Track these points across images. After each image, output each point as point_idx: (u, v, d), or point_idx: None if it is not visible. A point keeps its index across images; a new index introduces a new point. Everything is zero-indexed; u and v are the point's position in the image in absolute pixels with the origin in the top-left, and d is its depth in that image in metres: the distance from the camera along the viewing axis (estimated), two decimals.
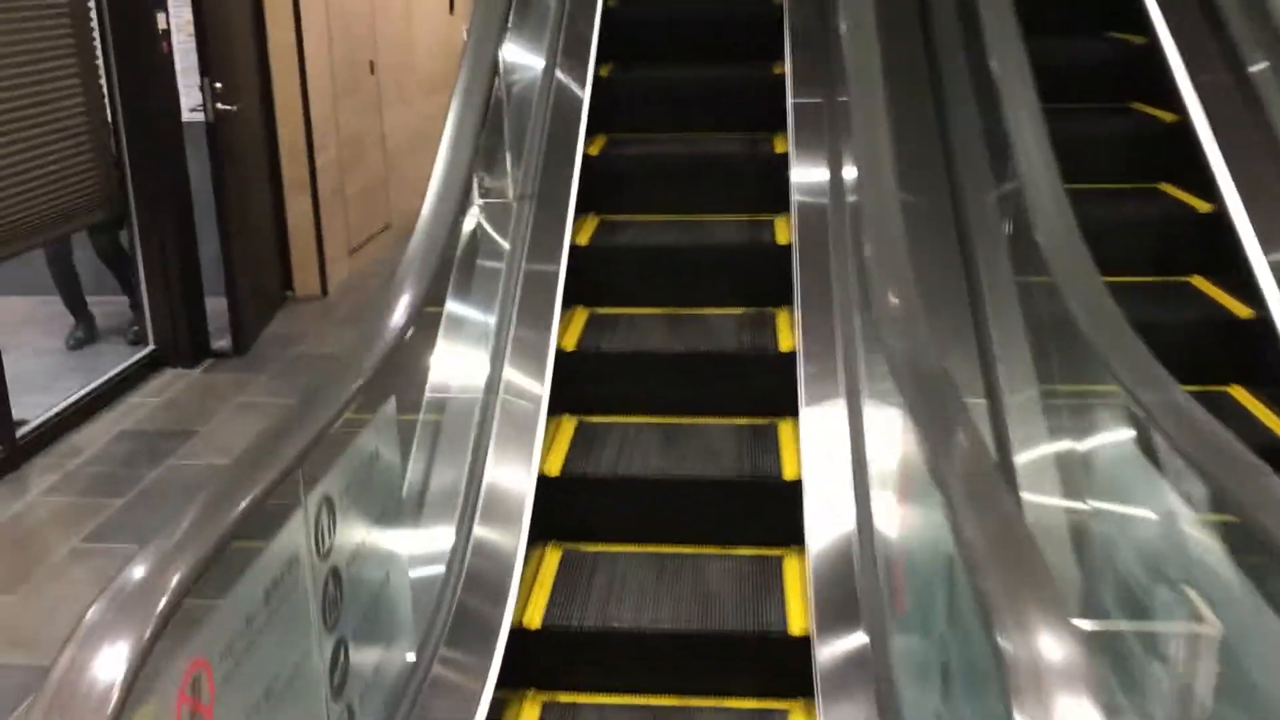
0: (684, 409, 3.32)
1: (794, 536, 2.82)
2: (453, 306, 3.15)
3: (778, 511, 2.89)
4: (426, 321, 2.74)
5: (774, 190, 3.77)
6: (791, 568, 2.84)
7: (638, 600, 2.75)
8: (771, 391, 3.21)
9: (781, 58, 4.16)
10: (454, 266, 3.18)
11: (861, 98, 2.98)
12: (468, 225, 3.35)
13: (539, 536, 2.95)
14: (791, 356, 3.18)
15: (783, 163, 3.79)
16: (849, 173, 3.49)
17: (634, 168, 4.18)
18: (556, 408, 3.22)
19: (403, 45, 8.14)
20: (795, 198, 3.63)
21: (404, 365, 2.55)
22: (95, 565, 3.79)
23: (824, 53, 4.01)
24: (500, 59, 3.59)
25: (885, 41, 3.21)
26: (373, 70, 7.55)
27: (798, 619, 2.66)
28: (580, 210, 3.84)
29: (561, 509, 3.01)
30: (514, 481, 2.96)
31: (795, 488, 2.86)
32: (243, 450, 1.79)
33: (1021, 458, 2.75)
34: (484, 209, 3.63)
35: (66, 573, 3.77)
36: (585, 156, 3.97)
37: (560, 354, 3.30)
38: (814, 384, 3.07)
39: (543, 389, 3.16)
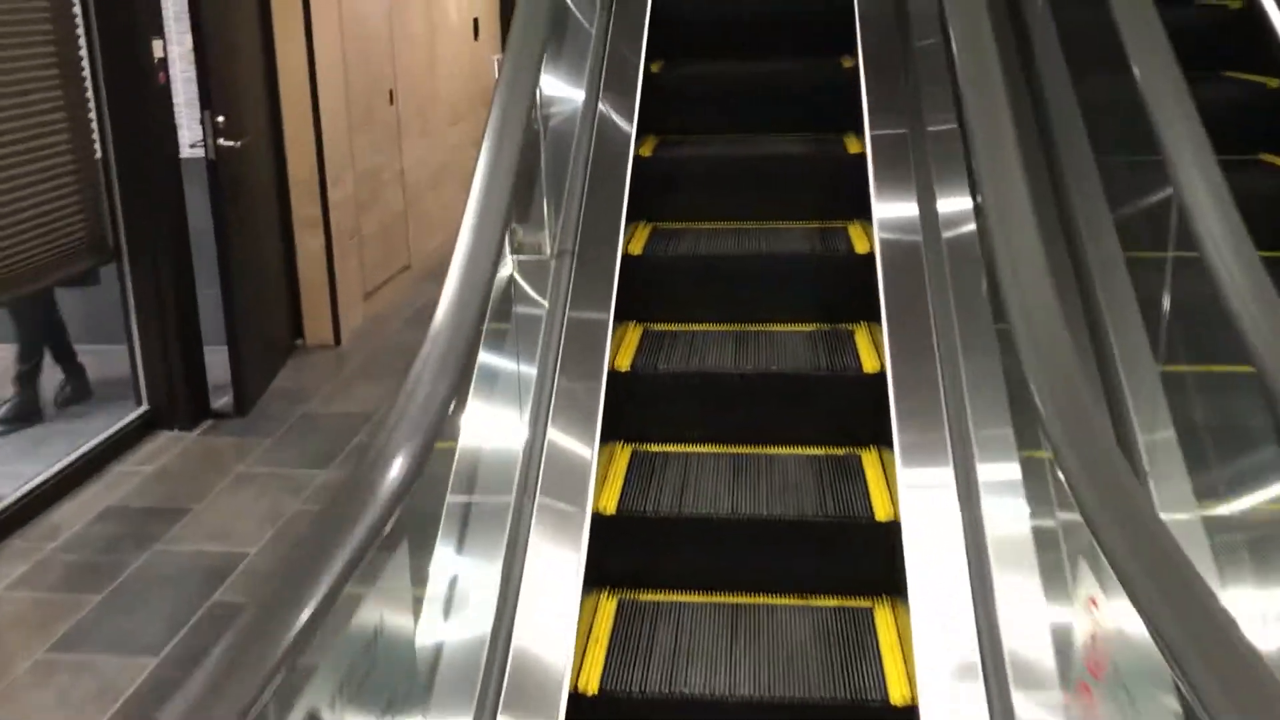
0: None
1: (885, 586, 2.56)
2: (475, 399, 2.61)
3: (868, 558, 2.59)
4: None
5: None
6: (885, 622, 2.48)
7: (708, 666, 2.37)
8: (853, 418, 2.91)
9: (853, 51, 3.74)
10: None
11: (988, 134, 2.41)
12: (496, 285, 2.80)
13: (594, 581, 2.58)
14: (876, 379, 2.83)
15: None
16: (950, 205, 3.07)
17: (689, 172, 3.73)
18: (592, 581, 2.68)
19: (424, 73, 7.64)
20: (878, 216, 3.18)
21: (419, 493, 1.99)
22: (60, 685, 3.24)
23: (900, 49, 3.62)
24: (538, 93, 3.05)
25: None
26: (392, 100, 7.05)
27: (898, 685, 2.27)
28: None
29: (617, 552, 2.66)
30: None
31: (888, 531, 2.52)
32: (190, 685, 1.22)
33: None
34: (517, 267, 3.11)
35: (25, 695, 3.22)
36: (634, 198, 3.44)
37: (598, 519, 2.67)
38: (909, 411, 2.67)
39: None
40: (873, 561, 2.58)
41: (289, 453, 4.81)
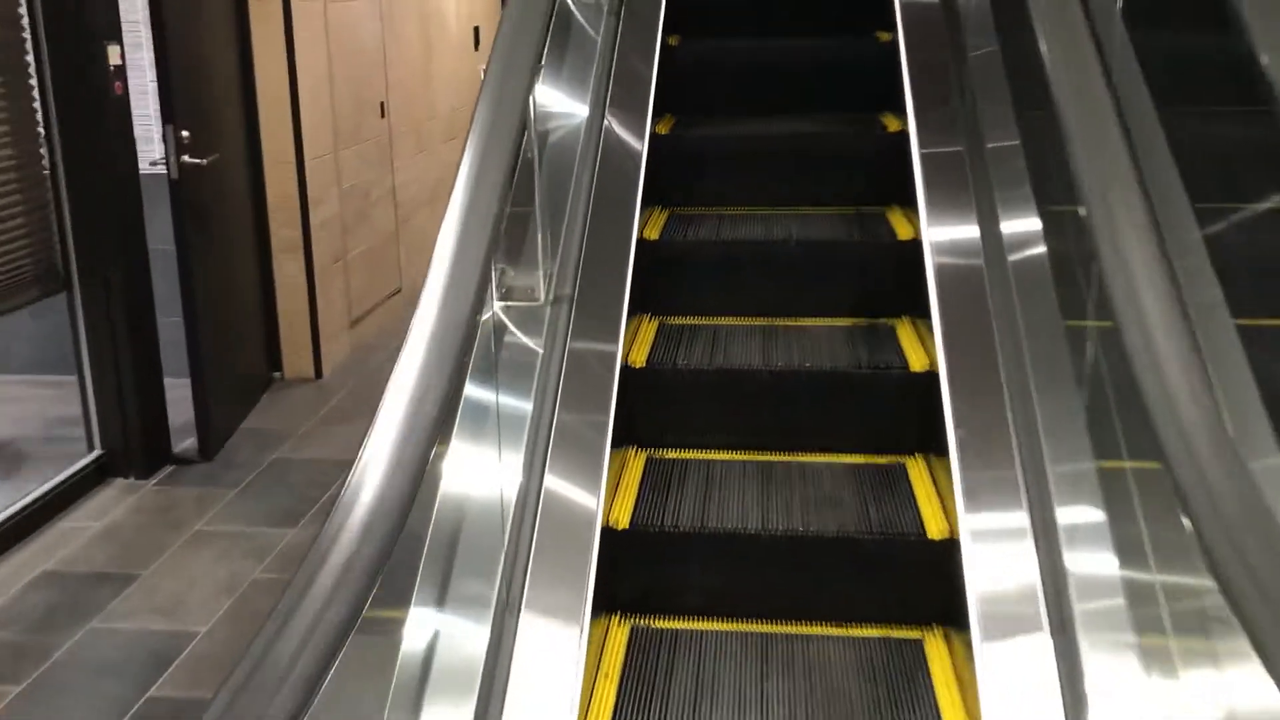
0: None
1: (938, 614, 2.29)
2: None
3: (917, 581, 2.31)
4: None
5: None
6: (938, 655, 2.21)
7: (736, 705, 2.09)
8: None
9: (892, 27, 3.38)
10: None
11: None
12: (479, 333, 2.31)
13: (602, 605, 2.27)
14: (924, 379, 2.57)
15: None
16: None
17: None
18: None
19: (419, 85, 7.16)
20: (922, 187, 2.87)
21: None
22: None
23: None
24: (531, 107, 2.57)
25: None
26: (383, 113, 6.57)
27: None
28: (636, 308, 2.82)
29: (628, 577, 2.36)
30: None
31: (942, 551, 2.23)
32: None
33: None
34: (505, 314, 2.63)
35: None
36: (642, 240, 2.95)
37: (608, 532, 2.24)
38: (967, 412, 2.36)
39: None
40: (922, 586, 2.31)
41: (255, 507, 4.31)
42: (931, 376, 2.52)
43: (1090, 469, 2.15)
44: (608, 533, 2.30)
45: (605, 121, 3.23)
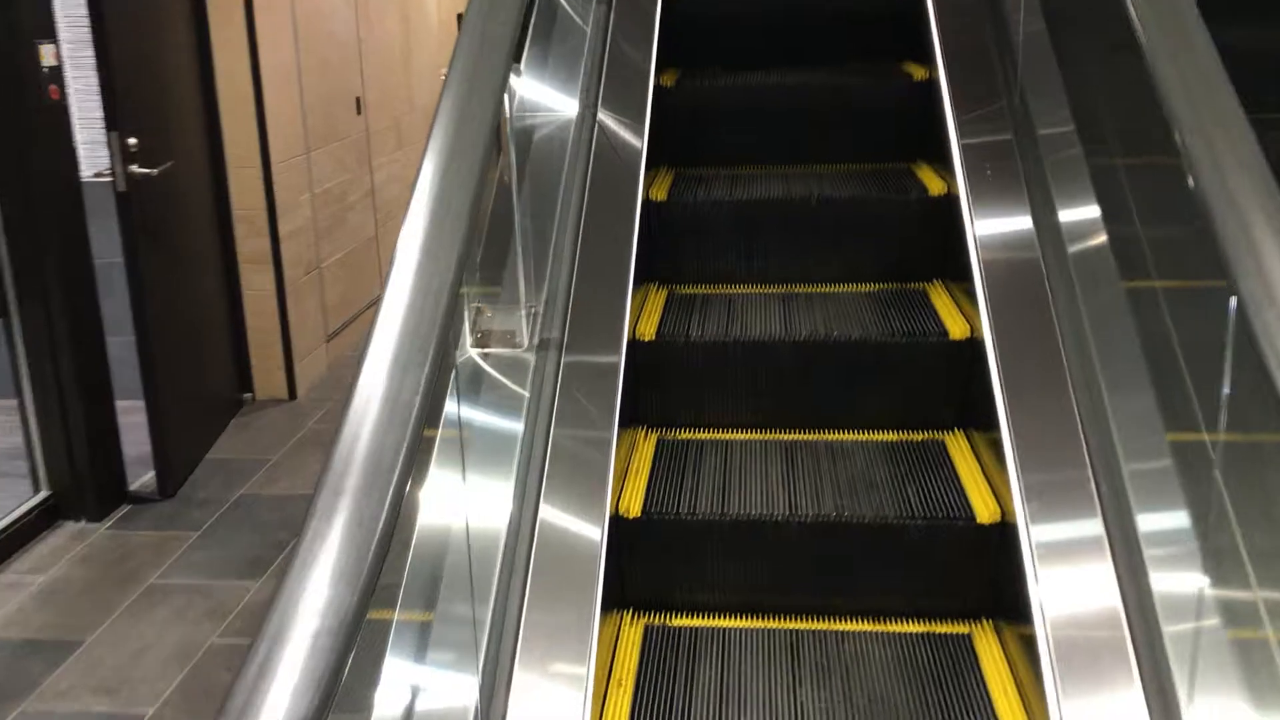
0: None
1: (987, 607, 2.12)
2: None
3: (964, 566, 2.13)
4: None
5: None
6: (989, 653, 2.02)
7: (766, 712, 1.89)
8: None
9: None
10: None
11: None
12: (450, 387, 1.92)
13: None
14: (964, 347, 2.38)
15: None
16: None
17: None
18: None
19: (398, 79, 6.72)
20: (955, 143, 2.61)
21: None
22: None
23: None
24: (507, 106, 2.15)
25: None
26: (360, 109, 6.12)
27: None
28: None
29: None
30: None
31: (995, 537, 2.07)
32: None
33: None
34: (477, 364, 2.22)
35: None
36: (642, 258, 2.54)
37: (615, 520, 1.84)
38: (1020, 383, 2.12)
39: None
40: (971, 576, 2.13)
41: (218, 554, 3.89)
42: (974, 344, 2.32)
43: (1162, 443, 1.94)
44: (617, 521, 2.09)
45: (597, 122, 2.81)
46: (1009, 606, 2.00)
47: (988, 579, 2.10)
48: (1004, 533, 2.03)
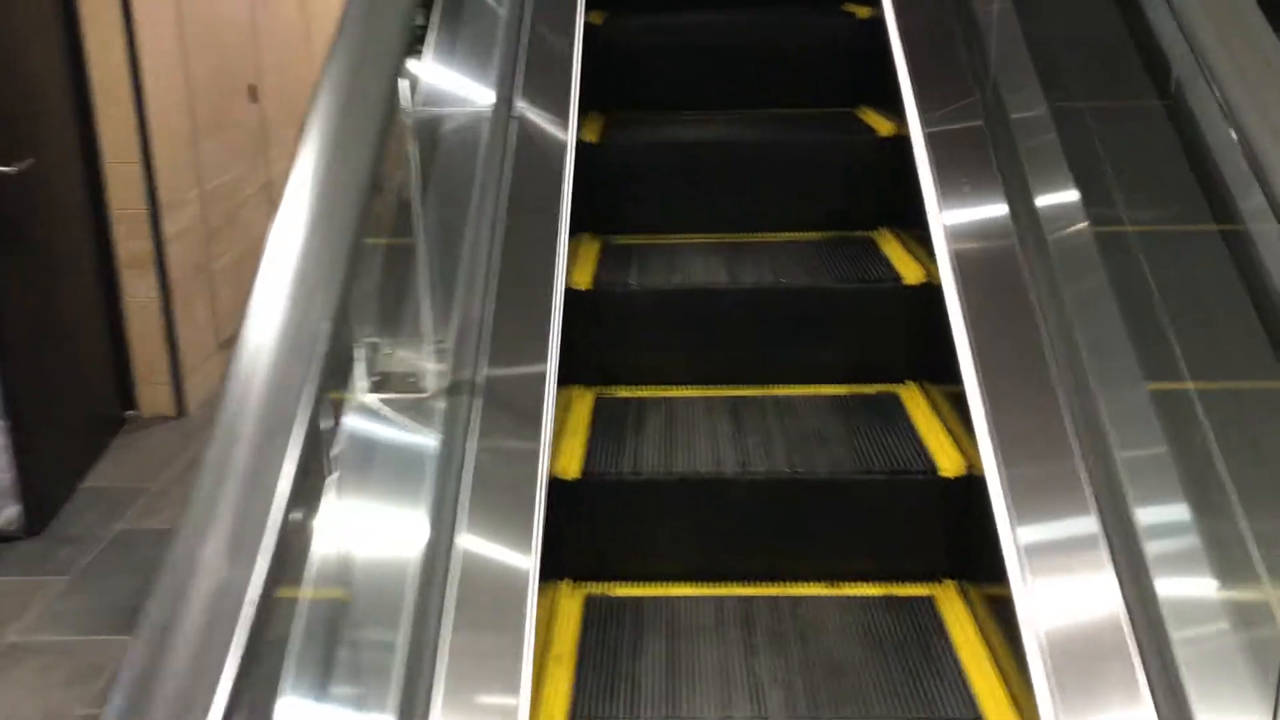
0: None
1: (952, 566, 2.04)
2: None
3: (925, 524, 2.06)
4: None
5: None
6: (955, 615, 1.95)
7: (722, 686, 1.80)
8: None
9: None
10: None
11: None
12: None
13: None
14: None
15: None
16: None
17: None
18: None
19: (299, 62, 6.23)
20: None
21: None
22: None
23: None
24: (405, 96, 1.79)
25: None
26: (255, 97, 5.64)
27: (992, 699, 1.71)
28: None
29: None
30: None
31: (961, 491, 1.98)
32: None
33: None
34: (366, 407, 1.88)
35: None
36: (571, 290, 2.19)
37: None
38: (988, 330, 2.01)
39: None
40: (933, 531, 2.05)
41: (90, 603, 3.45)
42: (929, 289, 2.21)
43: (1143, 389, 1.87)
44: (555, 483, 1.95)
45: (517, 115, 2.44)
46: (977, 564, 1.92)
47: (953, 536, 2.01)
48: (973, 485, 1.92)
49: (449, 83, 2.46)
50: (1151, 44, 2.26)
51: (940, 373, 2.16)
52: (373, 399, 1.83)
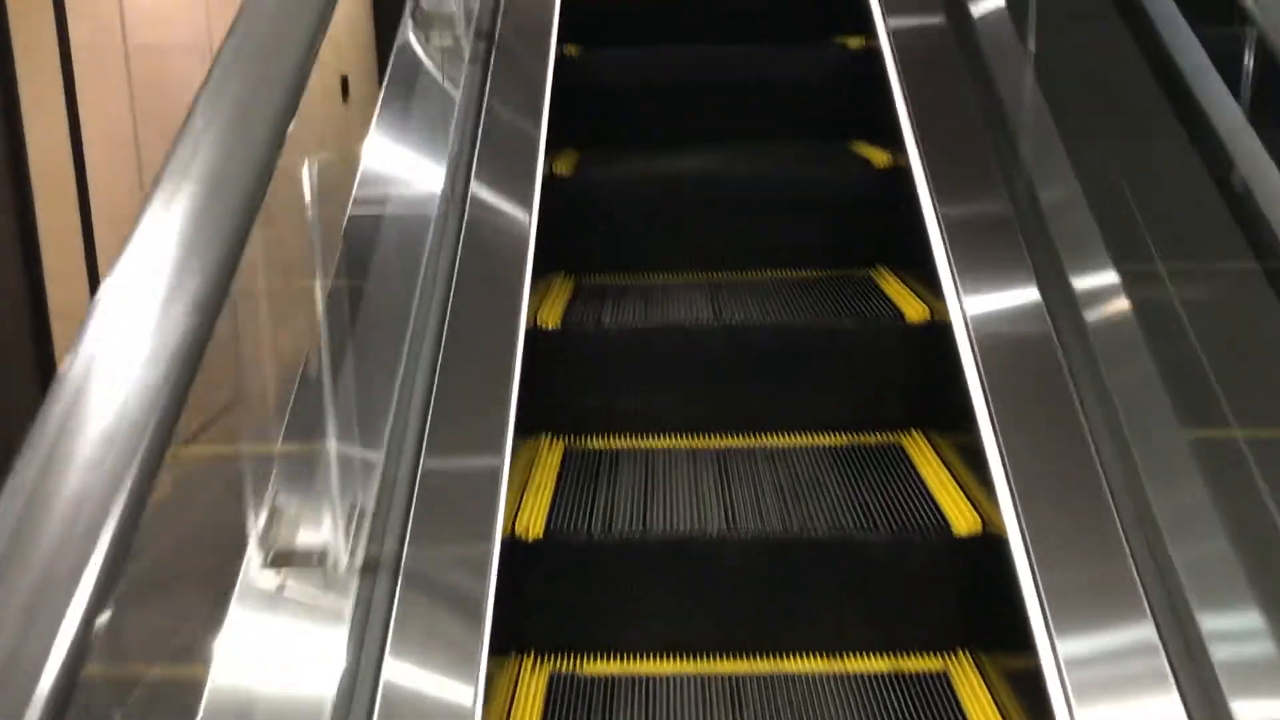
0: None
1: (965, 636, 1.85)
2: None
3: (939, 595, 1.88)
4: None
5: None
6: (970, 691, 1.72)
7: None
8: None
9: None
10: None
11: None
12: None
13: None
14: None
15: None
16: None
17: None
18: None
19: None
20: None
21: None
22: None
23: None
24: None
25: None
26: None
27: None
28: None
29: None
30: None
31: (979, 552, 1.79)
32: None
33: None
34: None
35: None
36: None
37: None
38: (1005, 377, 1.86)
39: None
40: (946, 599, 1.89)
41: None
42: (939, 328, 2.05)
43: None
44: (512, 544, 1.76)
45: (464, 219, 2.11)
46: (985, 635, 1.80)
47: (967, 604, 1.85)
48: (987, 547, 1.77)
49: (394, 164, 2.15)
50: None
51: (948, 419, 2.02)
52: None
